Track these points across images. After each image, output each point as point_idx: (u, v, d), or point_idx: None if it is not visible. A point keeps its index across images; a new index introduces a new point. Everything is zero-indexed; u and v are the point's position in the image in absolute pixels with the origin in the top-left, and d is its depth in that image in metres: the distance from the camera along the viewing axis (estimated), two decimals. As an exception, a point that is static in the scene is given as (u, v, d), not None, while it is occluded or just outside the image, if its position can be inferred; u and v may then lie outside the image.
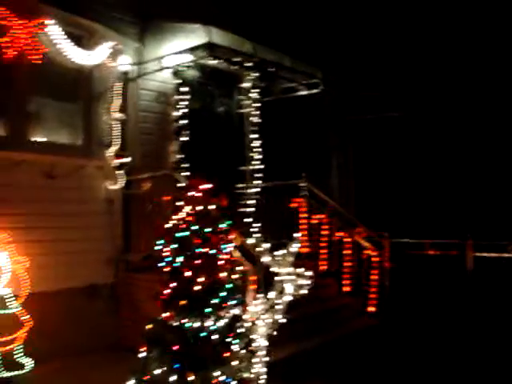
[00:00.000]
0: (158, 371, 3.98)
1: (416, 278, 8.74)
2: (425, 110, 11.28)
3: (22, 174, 6.29)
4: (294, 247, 5.15)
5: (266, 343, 5.08)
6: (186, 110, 7.98)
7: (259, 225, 7.55)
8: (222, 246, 4.25)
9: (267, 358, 5.10)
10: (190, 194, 4.36)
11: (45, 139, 6.76)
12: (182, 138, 7.87)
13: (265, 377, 5.07)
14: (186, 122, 7.94)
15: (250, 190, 8.03)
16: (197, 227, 4.17)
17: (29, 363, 5.91)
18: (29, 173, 6.37)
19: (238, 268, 4.89)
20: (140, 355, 4.19)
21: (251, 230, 7.41)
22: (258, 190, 8.20)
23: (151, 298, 4.35)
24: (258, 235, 7.22)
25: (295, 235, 5.28)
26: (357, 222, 8.32)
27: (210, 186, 4.41)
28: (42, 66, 6.32)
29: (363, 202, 11.24)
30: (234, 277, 4.35)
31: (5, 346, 5.79)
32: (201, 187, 4.37)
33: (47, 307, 6.23)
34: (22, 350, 5.91)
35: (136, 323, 4.51)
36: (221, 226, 4.31)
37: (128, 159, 7.33)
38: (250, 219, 7.62)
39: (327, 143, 11.34)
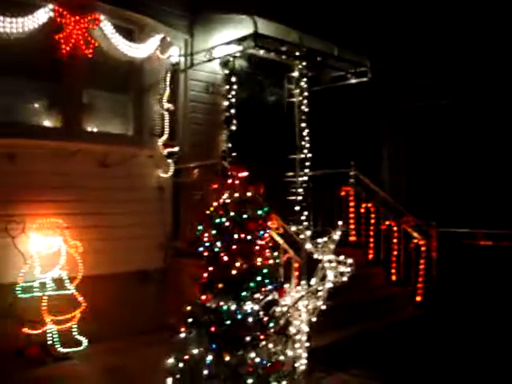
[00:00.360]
0: (195, 351, 4.17)
1: (465, 268, 8.59)
2: (477, 97, 10.96)
3: (77, 162, 6.61)
4: (337, 235, 5.22)
5: (308, 329, 5.19)
6: (234, 100, 8.11)
7: (307, 213, 7.64)
8: (260, 232, 4.37)
9: (308, 344, 5.22)
10: (228, 181, 4.50)
11: (98, 129, 7.04)
12: (230, 128, 8.01)
13: (305, 362, 5.20)
14: (234, 111, 8.07)
15: (298, 179, 8.12)
16: (234, 213, 4.32)
17: (83, 342, 6.29)
18: (84, 162, 6.68)
19: (276, 253, 5.04)
20: (180, 336, 4.39)
21: (298, 217, 7.50)
22: (307, 178, 8.29)
23: (195, 282, 4.54)
24: (305, 223, 7.31)
25: (338, 223, 5.33)
26: (404, 211, 8.25)
27: (246, 173, 4.52)
28: (95, 59, 6.62)
29: (414, 191, 11.09)
30: (270, 262, 4.47)
31: (61, 324, 6.19)
32: (239, 175, 4.50)
33: (103, 290, 6.58)
34: (76, 328, 6.29)
35: (182, 306, 4.69)
36: (258, 212, 4.42)
37: (177, 148, 7.58)
38: (298, 207, 7.71)
39: (378, 132, 11.24)
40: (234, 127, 8.01)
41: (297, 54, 7.64)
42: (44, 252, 6.15)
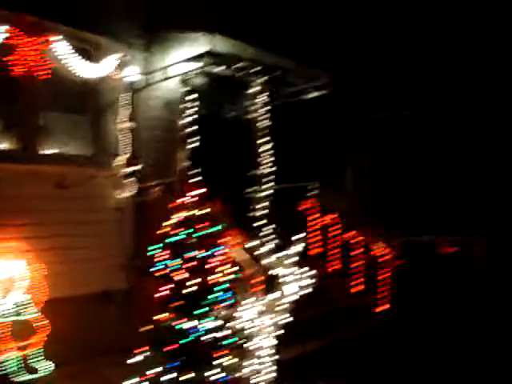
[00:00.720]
0: (155, 370, 4.15)
1: (429, 275, 8.75)
2: (438, 108, 11.23)
3: (34, 185, 6.49)
4: (298, 247, 5.27)
5: (272, 343, 5.20)
6: (194, 117, 8.10)
7: (269, 227, 7.66)
8: (216, 249, 4.39)
9: (274, 357, 5.23)
10: (184, 199, 4.52)
11: (56, 151, 6.97)
12: (191, 145, 7.98)
13: (272, 375, 5.20)
14: (195, 128, 8.06)
15: (261, 194, 8.13)
16: (190, 231, 4.33)
17: (48, 366, 6.16)
18: (41, 184, 6.57)
19: (235, 269, 5.04)
20: (141, 355, 4.37)
21: (260, 232, 7.51)
22: (270, 193, 8.31)
23: (156, 301, 4.54)
24: (267, 237, 7.32)
25: (299, 236, 5.37)
26: (368, 222, 8.37)
27: (203, 190, 4.55)
28: (51, 80, 6.55)
29: (378, 202, 11.24)
30: (228, 278, 4.48)
31: (24, 350, 6.06)
32: (194, 193, 4.53)
33: (63, 313, 6.43)
34: (41, 353, 6.17)
35: (145, 326, 4.67)
36: (214, 229, 4.44)
37: (138, 167, 7.53)
38: (260, 222, 7.72)
39: (341, 144, 11.39)
40: (194, 144, 7.97)
41: (255, 69, 7.70)
42: (3, 277, 6.03)
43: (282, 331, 5.33)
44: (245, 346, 4.69)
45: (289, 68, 8.08)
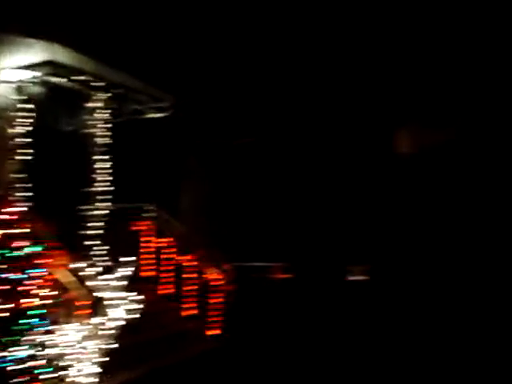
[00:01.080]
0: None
1: (262, 299, 9.02)
2: (277, 136, 11.78)
3: None
4: (128, 270, 5.12)
5: (95, 370, 4.97)
6: (28, 128, 7.60)
7: (100, 248, 7.38)
8: (33, 271, 4.11)
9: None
10: (2, 216, 4.19)
11: None
12: (21, 157, 7.46)
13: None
14: (27, 140, 7.56)
15: (94, 212, 7.82)
16: (5, 251, 4.01)
17: None
18: None
19: (55, 292, 4.75)
20: None
21: (89, 253, 7.21)
22: (104, 212, 8.02)
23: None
24: (97, 258, 7.04)
25: (130, 258, 5.23)
26: (203, 246, 8.43)
27: (25, 207, 4.26)
28: None
29: (215, 227, 11.39)
30: (45, 302, 4.21)
31: None
32: (15, 209, 4.22)
33: None
34: None
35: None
36: (34, 249, 4.17)
37: (-43, 178, 6.87)
38: (91, 242, 7.42)
39: (184, 168, 11.43)
40: (26, 157, 7.47)
41: (95, 84, 7.46)
42: None
43: (107, 358, 5.12)
44: (62, 374, 4.41)
45: (133, 87, 7.95)
